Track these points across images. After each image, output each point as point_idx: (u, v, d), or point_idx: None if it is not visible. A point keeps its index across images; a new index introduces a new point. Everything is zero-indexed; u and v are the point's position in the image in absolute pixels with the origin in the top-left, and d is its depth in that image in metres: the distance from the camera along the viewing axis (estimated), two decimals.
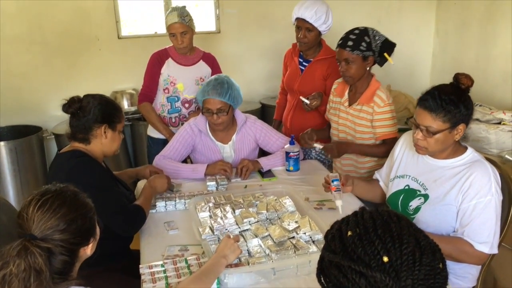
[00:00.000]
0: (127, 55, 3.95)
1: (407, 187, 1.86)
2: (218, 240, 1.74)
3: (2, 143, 3.47)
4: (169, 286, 1.52)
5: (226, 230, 1.79)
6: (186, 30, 2.72)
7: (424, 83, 4.35)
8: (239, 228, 1.81)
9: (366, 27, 2.22)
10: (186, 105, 2.89)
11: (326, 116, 2.56)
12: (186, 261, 1.65)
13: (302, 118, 2.76)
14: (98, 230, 1.31)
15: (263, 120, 2.67)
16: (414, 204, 1.81)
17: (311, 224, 1.75)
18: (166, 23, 2.76)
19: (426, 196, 1.78)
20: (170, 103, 2.86)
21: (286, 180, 2.36)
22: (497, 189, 1.64)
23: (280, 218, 1.86)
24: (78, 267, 1.26)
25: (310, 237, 1.72)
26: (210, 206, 1.96)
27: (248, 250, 1.67)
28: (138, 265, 1.65)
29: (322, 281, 0.88)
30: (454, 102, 1.62)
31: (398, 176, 1.92)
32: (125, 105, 3.93)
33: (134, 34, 4.11)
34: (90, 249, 1.28)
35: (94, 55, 3.91)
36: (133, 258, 1.90)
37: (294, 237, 1.71)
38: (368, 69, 2.26)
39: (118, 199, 1.87)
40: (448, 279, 0.83)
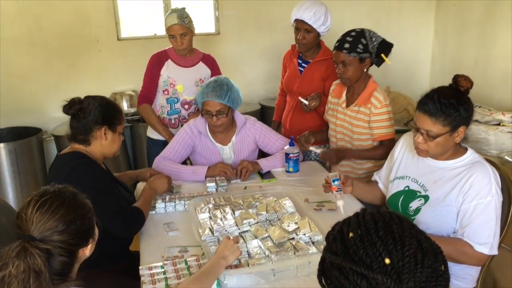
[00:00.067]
0: (127, 57, 3.95)
1: (407, 188, 1.86)
2: (218, 241, 1.74)
3: (1, 145, 3.47)
4: (168, 287, 1.51)
5: (226, 231, 1.79)
6: (186, 31, 2.72)
7: (423, 84, 4.37)
8: (239, 229, 1.81)
9: (363, 29, 2.22)
10: (186, 106, 2.88)
11: (324, 117, 2.57)
12: (186, 262, 1.65)
13: (301, 119, 2.76)
14: (97, 231, 1.31)
15: (263, 121, 2.67)
16: (414, 205, 1.81)
17: (311, 225, 1.75)
18: (165, 25, 2.75)
19: (426, 197, 1.78)
20: (169, 105, 2.86)
21: (285, 181, 2.36)
22: (497, 190, 1.64)
23: (279, 219, 1.86)
24: (77, 268, 1.26)
25: (310, 238, 1.72)
26: (209, 207, 1.96)
27: (247, 251, 1.66)
28: (138, 266, 1.65)
29: (323, 282, 0.87)
30: (454, 106, 1.61)
31: (398, 177, 1.92)
32: (124, 106, 3.93)
33: (134, 35, 4.11)
34: (89, 250, 1.28)
35: (94, 56, 3.91)
36: (132, 259, 1.90)
37: (293, 238, 1.71)
38: (365, 70, 2.26)
39: (117, 201, 1.86)
40: (450, 281, 0.83)
